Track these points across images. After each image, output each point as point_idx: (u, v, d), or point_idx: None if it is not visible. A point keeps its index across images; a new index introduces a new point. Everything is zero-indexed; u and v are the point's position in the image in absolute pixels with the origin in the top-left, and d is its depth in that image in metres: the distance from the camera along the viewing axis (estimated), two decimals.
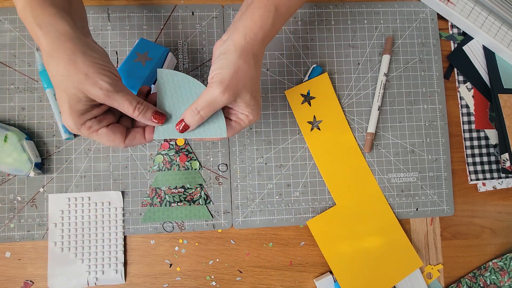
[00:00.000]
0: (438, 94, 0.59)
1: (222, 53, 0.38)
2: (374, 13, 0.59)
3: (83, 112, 0.35)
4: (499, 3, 0.58)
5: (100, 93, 0.34)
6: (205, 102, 0.37)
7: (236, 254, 0.54)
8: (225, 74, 0.36)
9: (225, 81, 0.36)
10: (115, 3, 0.56)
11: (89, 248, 0.52)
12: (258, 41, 0.38)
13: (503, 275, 0.57)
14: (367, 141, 0.56)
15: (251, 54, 0.38)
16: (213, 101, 0.37)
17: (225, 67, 0.37)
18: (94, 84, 0.34)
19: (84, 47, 0.35)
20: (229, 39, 0.38)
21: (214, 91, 0.36)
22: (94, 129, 0.36)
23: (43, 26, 0.34)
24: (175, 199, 0.54)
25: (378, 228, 0.55)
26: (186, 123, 0.38)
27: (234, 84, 0.37)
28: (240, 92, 0.37)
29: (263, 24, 0.38)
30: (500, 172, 0.58)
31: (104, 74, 0.34)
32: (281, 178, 0.56)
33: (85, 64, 0.34)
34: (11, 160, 0.50)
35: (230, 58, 0.37)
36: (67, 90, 0.34)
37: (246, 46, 0.37)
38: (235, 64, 0.37)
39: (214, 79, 0.37)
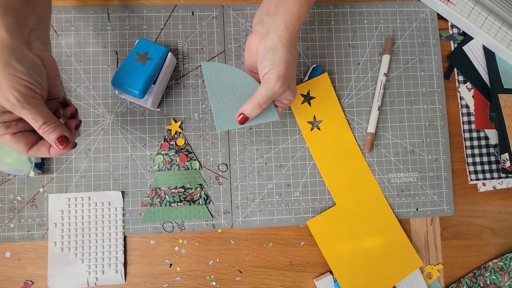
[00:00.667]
0: (438, 94, 0.59)
1: (270, 49, 0.40)
2: (374, 13, 0.59)
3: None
4: (499, 3, 0.58)
5: (6, 105, 0.34)
6: (265, 96, 0.41)
7: (236, 254, 0.54)
8: (280, 70, 0.40)
9: (282, 76, 0.40)
10: (115, 3, 0.56)
11: (89, 248, 0.52)
12: (296, 32, 0.42)
13: (503, 275, 0.57)
14: (367, 141, 0.56)
15: (293, 45, 0.42)
16: (272, 95, 0.42)
17: (277, 63, 0.40)
18: (3, 95, 0.34)
19: (10, 58, 0.34)
20: (271, 34, 0.40)
21: (274, 86, 0.41)
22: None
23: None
24: (175, 199, 0.54)
25: (378, 228, 0.55)
26: (246, 115, 0.43)
27: (287, 78, 0.41)
28: (289, 82, 0.42)
29: (300, 16, 0.41)
30: (500, 172, 0.58)
31: (16, 89, 0.34)
32: (281, 178, 0.56)
33: (1, 75, 0.33)
34: (11, 160, 0.50)
35: (281, 54, 0.40)
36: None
37: (290, 39, 0.41)
38: (286, 59, 0.40)
39: (271, 75, 0.40)
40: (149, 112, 0.55)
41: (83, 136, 0.54)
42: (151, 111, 0.55)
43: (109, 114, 0.55)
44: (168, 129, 0.55)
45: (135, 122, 0.55)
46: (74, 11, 0.55)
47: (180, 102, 0.56)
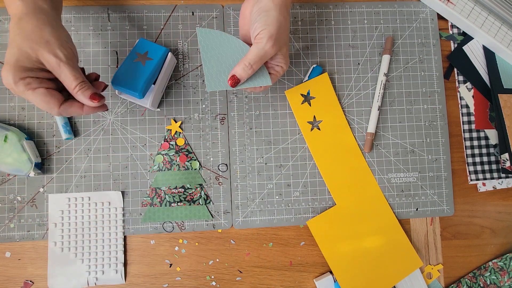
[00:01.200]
0: (438, 94, 0.59)
1: (263, 11, 0.41)
2: (374, 13, 0.59)
3: (27, 69, 0.37)
4: (499, 3, 0.58)
5: (53, 60, 0.37)
6: (257, 56, 0.41)
7: (236, 254, 0.54)
8: (272, 30, 0.40)
9: (273, 36, 0.40)
10: (115, 3, 0.56)
11: (89, 248, 0.52)
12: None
13: (503, 275, 0.57)
14: (367, 141, 0.56)
15: (286, 8, 0.42)
16: (264, 55, 0.41)
17: (270, 23, 0.40)
18: (51, 51, 0.37)
19: (55, 24, 0.38)
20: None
21: (264, 45, 0.40)
22: (32, 87, 0.38)
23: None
24: (175, 199, 0.54)
25: (378, 228, 0.55)
26: (237, 77, 0.42)
27: (279, 38, 0.41)
28: (282, 45, 0.42)
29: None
30: (500, 172, 0.58)
31: (65, 48, 0.38)
32: (281, 178, 0.56)
33: (51, 35, 0.37)
34: (11, 160, 0.50)
35: (273, 15, 0.40)
36: (21, 47, 0.36)
37: (282, 2, 0.41)
38: (278, 20, 0.40)
39: (262, 35, 0.40)
40: (149, 112, 0.55)
41: (83, 136, 0.54)
42: (151, 111, 0.55)
43: (109, 114, 0.55)
44: (168, 129, 0.55)
45: (135, 122, 0.55)
46: (74, 11, 0.55)
47: (180, 102, 0.56)
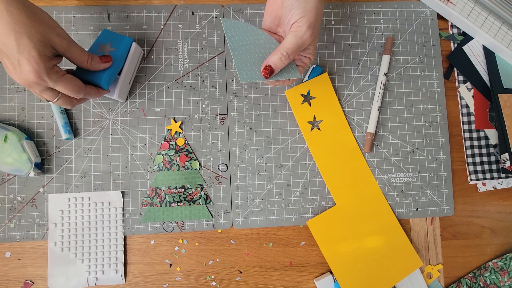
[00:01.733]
0: (438, 94, 0.59)
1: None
2: (374, 13, 0.59)
3: (51, 57, 0.38)
4: (499, 3, 0.58)
5: (64, 43, 0.38)
6: (295, 45, 0.39)
7: (236, 254, 0.54)
8: (311, 17, 0.38)
9: (312, 24, 0.38)
10: (115, 3, 0.56)
11: (89, 248, 0.52)
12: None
13: (503, 275, 0.57)
14: (367, 141, 0.56)
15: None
16: (302, 44, 0.39)
17: (309, 10, 0.38)
18: (58, 34, 0.37)
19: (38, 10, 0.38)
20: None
21: (304, 35, 0.38)
22: (61, 73, 0.39)
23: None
24: (175, 199, 0.54)
25: (378, 228, 0.55)
26: (272, 67, 0.40)
27: (316, 28, 0.39)
28: (317, 34, 0.40)
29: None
30: (500, 172, 0.58)
31: (62, 29, 0.39)
32: (281, 178, 0.56)
33: (49, 18, 0.37)
34: (11, 160, 0.50)
35: (313, 1, 0.38)
36: (31, 36, 0.35)
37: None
38: (316, 7, 0.38)
39: (301, 23, 0.38)
40: (149, 112, 0.55)
41: (83, 136, 0.54)
42: (151, 111, 0.55)
43: (109, 114, 0.55)
44: (168, 129, 0.55)
45: (135, 122, 0.55)
46: (74, 11, 0.55)
47: (180, 102, 0.56)
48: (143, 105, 0.55)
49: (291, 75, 0.43)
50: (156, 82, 0.56)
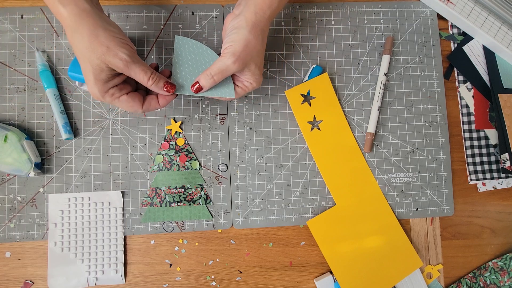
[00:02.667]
0: (438, 94, 0.59)
1: (234, 27, 0.42)
2: (374, 13, 0.59)
3: (105, 80, 0.40)
4: (499, 3, 0.58)
5: (120, 64, 0.39)
6: (218, 69, 0.43)
7: (236, 254, 0.54)
8: (237, 47, 0.42)
9: (237, 53, 0.42)
10: (115, 3, 0.56)
11: (89, 248, 0.52)
12: (265, 18, 0.43)
13: (503, 275, 0.57)
14: (367, 141, 0.56)
15: (260, 29, 0.43)
16: (225, 69, 0.43)
17: (237, 40, 0.42)
18: (115, 55, 0.39)
19: (104, 23, 0.40)
20: (241, 15, 0.43)
21: (226, 60, 0.42)
22: (116, 96, 0.42)
23: (66, 4, 0.38)
24: (175, 199, 0.54)
25: (378, 228, 0.55)
26: (200, 85, 0.44)
27: (244, 56, 0.42)
28: (248, 63, 0.43)
29: (271, 3, 0.43)
30: (500, 172, 0.58)
31: (123, 47, 0.39)
32: (281, 178, 0.56)
33: (106, 38, 0.39)
34: (11, 160, 0.50)
35: (242, 33, 0.42)
36: (91, 61, 0.38)
37: (256, 23, 0.42)
38: (246, 38, 0.42)
39: (227, 51, 0.42)
40: (149, 112, 0.55)
41: (83, 136, 0.54)
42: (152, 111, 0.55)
43: (109, 114, 0.55)
44: (168, 129, 0.55)
45: (135, 122, 0.55)
46: None
47: (180, 102, 0.56)
48: None
49: (225, 93, 0.46)
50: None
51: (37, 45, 0.55)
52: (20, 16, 0.55)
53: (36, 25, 0.55)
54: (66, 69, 0.54)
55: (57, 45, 0.55)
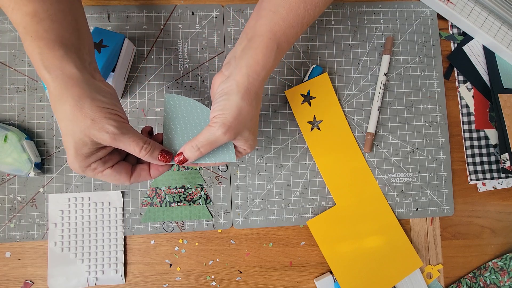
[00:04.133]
0: (438, 94, 0.59)
1: (224, 93, 0.38)
2: (374, 13, 0.59)
3: (88, 155, 0.35)
4: (499, 3, 0.58)
5: (106, 137, 0.34)
6: (206, 140, 0.38)
7: (236, 254, 0.54)
8: (227, 116, 0.37)
9: (228, 123, 0.37)
10: (115, 3, 0.56)
11: (89, 248, 0.52)
12: (259, 81, 0.39)
13: (503, 275, 0.57)
14: (367, 141, 0.56)
15: (253, 94, 0.38)
16: (214, 140, 0.38)
17: (227, 109, 0.37)
18: (101, 129, 0.34)
19: (92, 92, 0.35)
20: (231, 79, 0.38)
21: (216, 131, 0.37)
22: (99, 171, 0.37)
23: (51, 69, 0.34)
24: (175, 199, 0.54)
25: (378, 228, 0.55)
26: (184, 157, 0.39)
27: (236, 126, 0.38)
28: (241, 131, 0.39)
29: (266, 64, 0.38)
30: (500, 172, 0.58)
31: (110, 118, 0.35)
32: (281, 178, 0.56)
33: (91, 110, 0.34)
34: (11, 160, 0.50)
35: (233, 100, 0.37)
36: (73, 134, 0.34)
37: (249, 87, 0.38)
38: (237, 106, 0.37)
39: (216, 120, 0.37)
40: (149, 112, 0.55)
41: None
42: (151, 111, 0.55)
43: None
44: None
45: (135, 122, 0.55)
46: None
47: None
48: (143, 105, 0.55)
49: (225, 158, 0.41)
50: (156, 82, 0.56)
51: None
52: None
53: None
54: None
55: None
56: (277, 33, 0.39)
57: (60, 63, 0.34)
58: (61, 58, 0.34)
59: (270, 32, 0.39)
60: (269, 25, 0.39)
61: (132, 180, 0.39)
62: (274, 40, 0.39)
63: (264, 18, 0.39)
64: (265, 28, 0.39)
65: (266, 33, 0.39)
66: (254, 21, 0.40)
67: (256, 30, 0.39)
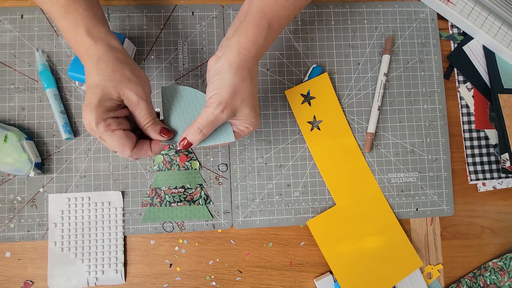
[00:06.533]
0: (438, 94, 0.59)
1: (217, 73, 0.39)
2: (374, 13, 0.59)
3: (108, 109, 0.37)
4: (499, 3, 0.58)
5: (134, 98, 0.37)
6: (206, 121, 0.39)
7: (236, 254, 0.54)
8: (223, 95, 0.38)
9: (224, 101, 0.38)
10: (115, 3, 0.56)
11: (89, 248, 0.52)
12: (251, 57, 0.39)
13: (503, 275, 0.57)
14: (367, 141, 0.56)
15: (246, 70, 0.39)
16: (214, 119, 0.39)
17: (222, 87, 0.38)
18: (133, 89, 0.37)
19: (131, 63, 0.39)
20: (223, 57, 0.39)
21: (214, 110, 0.38)
22: (111, 128, 0.37)
23: (97, 40, 0.38)
24: (175, 199, 0.54)
25: (378, 228, 0.55)
26: (189, 141, 0.40)
27: (233, 102, 0.39)
28: (239, 108, 0.39)
29: (256, 40, 0.39)
30: (500, 172, 0.58)
31: (144, 85, 0.39)
32: (281, 178, 0.56)
33: (131, 73, 0.38)
34: (11, 160, 0.50)
35: (226, 78, 0.38)
36: (104, 87, 0.36)
37: (241, 63, 0.39)
38: (231, 83, 0.38)
39: (213, 100, 0.38)
40: None
41: (83, 136, 0.54)
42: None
43: None
44: None
45: None
46: None
47: None
48: None
49: (224, 139, 0.42)
50: (156, 82, 0.56)
51: (37, 45, 0.55)
52: (20, 16, 0.55)
53: (36, 25, 0.55)
54: (66, 69, 0.54)
55: (57, 45, 0.55)
56: (268, 13, 0.40)
57: (105, 36, 0.39)
58: (106, 33, 0.39)
59: (261, 12, 0.40)
60: (260, 6, 0.40)
61: (134, 151, 0.39)
62: (264, 19, 0.40)
63: (256, 0, 0.41)
64: (256, 8, 0.40)
65: (257, 13, 0.40)
66: (247, 5, 0.42)
67: (248, 12, 0.41)
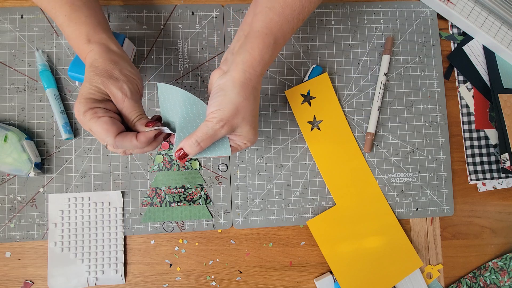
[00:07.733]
0: (438, 94, 0.59)
1: (221, 89, 0.39)
2: (374, 13, 0.59)
3: (96, 101, 0.38)
4: (499, 3, 0.58)
5: (119, 95, 0.39)
6: (205, 135, 0.39)
7: (236, 254, 0.54)
8: (225, 112, 0.38)
9: (225, 119, 0.38)
10: (115, 3, 0.56)
11: (89, 248, 0.52)
12: (256, 75, 0.39)
13: (503, 275, 0.57)
14: (367, 141, 0.56)
15: (250, 88, 0.39)
16: (213, 134, 0.39)
17: (224, 105, 0.38)
18: (118, 86, 0.39)
19: (125, 63, 0.41)
20: (228, 74, 0.39)
21: (214, 126, 0.38)
22: (98, 115, 0.37)
23: (97, 44, 0.40)
24: (175, 199, 0.54)
25: (378, 228, 0.55)
26: (185, 152, 0.40)
27: (234, 120, 0.39)
28: (239, 125, 0.39)
29: (262, 58, 0.39)
30: (500, 172, 0.58)
31: (130, 83, 0.40)
32: (281, 178, 0.56)
33: (119, 73, 0.39)
34: (11, 160, 0.50)
35: (230, 96, 0.38)
36: (93, 82, 0.38)
37: (245, 82, 0.38)
38: (234, 101, 0.38)
39: (214, 115, 0.38)
40: (149, 112, 0.55)
41: (83, 136, 0.54)
42: (152, 111, 0.55)
43: None
44: None
45: None
46: None
47: None
48: (143, 105, 0.55)
49: (221, 152, 0.42)
50: (156, 82, 0.56)
51: (37, 45, 0.55)
52: (20, 16, 0.55)
53: (36, 25, 0.55)
54: (66, 69, 0.54)
55: (57, 45, 0.55)
56: (273, 29, 0.40)
57: (105, 41, 0.41)
58: (106, 39, 0.41)
59: (266, 28, 0.39)
60: (265, 21, 0.40)
61: (117, 138, 0.38)
62: (270, 35, 0.39)
63: (260, 14, 0.40)
64: (261, 24, 0.39)
65: (262, 29, 0.39)
66: (250, 17, 0.41)
67: (252, 26, 0.40)
